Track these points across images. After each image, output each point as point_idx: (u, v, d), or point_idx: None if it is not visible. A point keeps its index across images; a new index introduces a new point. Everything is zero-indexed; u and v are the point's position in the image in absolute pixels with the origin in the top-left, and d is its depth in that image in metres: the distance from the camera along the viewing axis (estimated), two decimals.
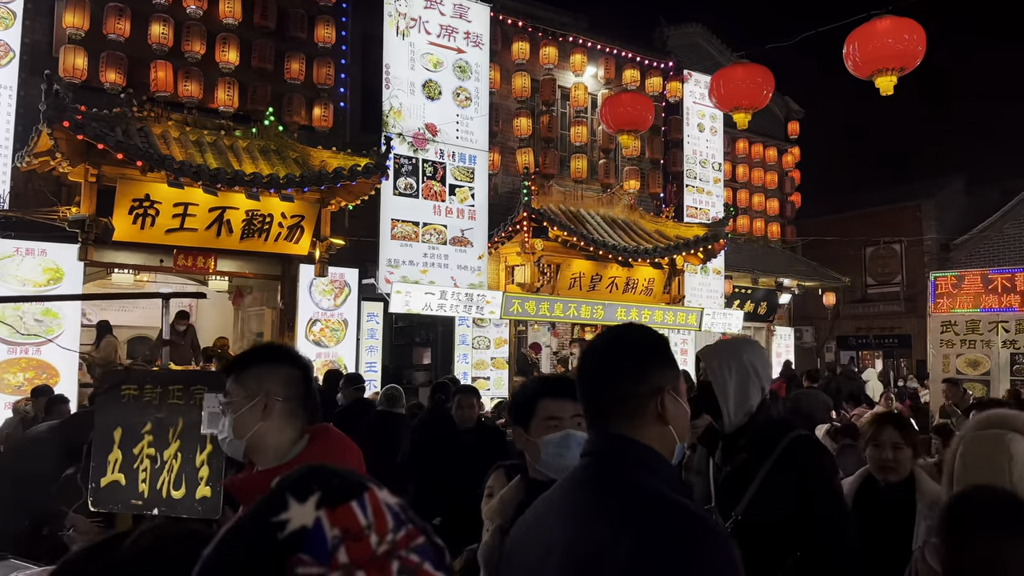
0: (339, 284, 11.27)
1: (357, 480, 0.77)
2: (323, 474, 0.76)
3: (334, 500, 0.73)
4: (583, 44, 13.97)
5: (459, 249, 12.08)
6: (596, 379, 1.44)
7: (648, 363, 1.42)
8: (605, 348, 1.47)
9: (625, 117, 7.20)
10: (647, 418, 1.38)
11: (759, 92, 6.23)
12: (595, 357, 1.47)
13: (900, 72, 5.31)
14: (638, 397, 1.39)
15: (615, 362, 1.43)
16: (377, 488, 0.77)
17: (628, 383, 1.39)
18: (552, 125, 13.58)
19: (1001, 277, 11.00)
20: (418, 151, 11.79)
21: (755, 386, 2.16)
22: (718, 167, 16.18)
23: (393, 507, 0.75)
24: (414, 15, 11.84)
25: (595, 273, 12.99)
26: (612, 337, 1.48)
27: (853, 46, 5.33)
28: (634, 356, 1.43)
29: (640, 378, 1.40)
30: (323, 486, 0.74)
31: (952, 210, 23.96)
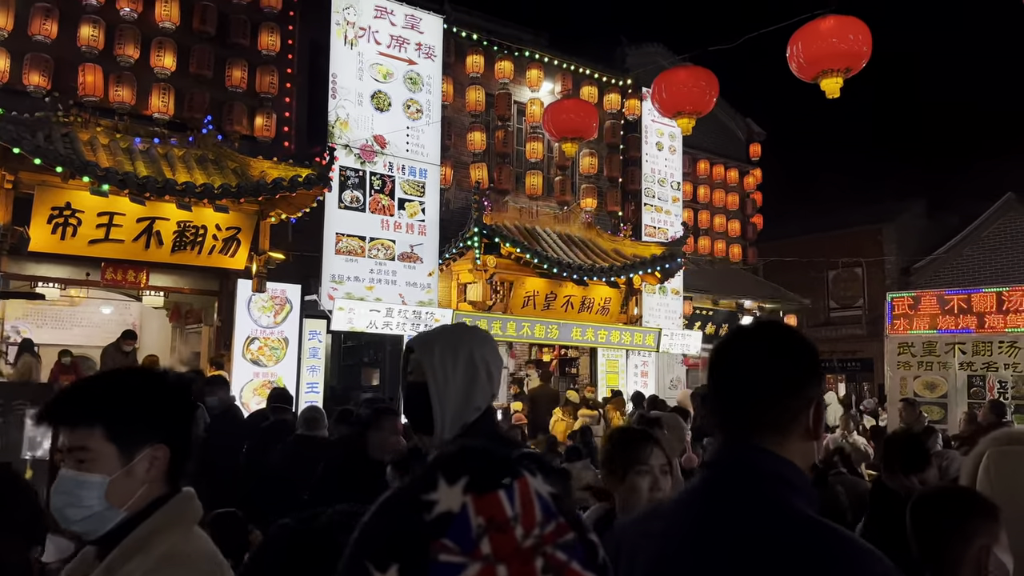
0: (280, 300, 10.78)
1: (510, 464, 0.75)
2: (476, 455, 0.76)
3: (482, 486, 0.72)
4: (540, 59, 13.73)
5: (408, 265, 11.66)
6: (745, 384, 1.30)
7: (807, 371, 1.29)
8: (758, 350, 1.31)
9: (568, 124, 6.89)
10: (796, 432, 1.26)
11: (703, 96, 5.95)
12: (745, 359, 1.32)
13: (846, 74, 5.06)
14: (792, 408, 1.26)
15: (771, 367, 1.28)
16: (531, 475, 0.74)
17: (783, 392, 1.27)
18: (507, 140, 13.28)
19: (957, 298, 10.85)
20: (366, 163, 11.40)
21: (483, 391, 1.58)
22: (677, 186, 15.99)
23: (545, 498, 0.74)
24: (363, 24, 11.50)
25: (550, 292, 12.64)
26: (766, 337, 1.33)
27: (797, 47, 5.07)
28: (793, 362, 1.29)
29: (797, 387, 1.27)
30: (473, 469, 0.73)
31: (913, 234, 24.10)
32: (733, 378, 1.32)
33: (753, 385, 1.29)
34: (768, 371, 1.29)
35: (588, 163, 14.34)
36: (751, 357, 1.32)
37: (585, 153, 14.46)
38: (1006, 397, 10.07)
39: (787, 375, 1.28)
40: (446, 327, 1.78)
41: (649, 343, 14.07)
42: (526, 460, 0.77)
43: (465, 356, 1.55)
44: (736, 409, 1.31)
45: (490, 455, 0.77)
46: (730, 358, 1.34)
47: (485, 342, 1.64)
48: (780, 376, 1.28)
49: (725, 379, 1.33)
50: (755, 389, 1.29)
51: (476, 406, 1.48)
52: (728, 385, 1.33)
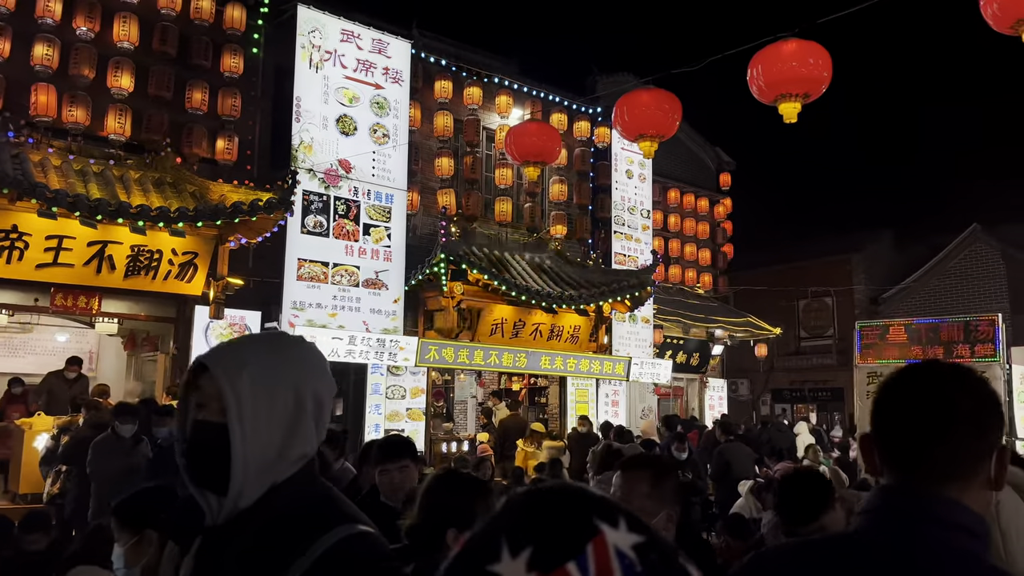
0: (239, 328, 10.47)
1: (584, 527, 0.62)
2: (544, 518, 0.62)
3: (548, 561, 0.60)
4: (509, 86, 13.67)
5: (373, 292, 11.41)
6: (923, 425, 1.18)
7: (992, 414, 1.19)
8: (939, 392, 1.19)
9: (531, 148, 6.75)
10: (979, 479, 1.17)
11: (666, 119, 5.83)
12: (925, 398, 1.19)
13: (805, 99, 4.97)
14: (976, 454, 1.17)
15: (954, 408, 1.17)
16: (611, 526, 0.62)
17: (967, 436, 1.17)
18: (476, 166, 13.15)
19: (925, 327, 10.81)
20: (330, 188, 11.18)
21: (307, 437, 1.17)
22: (647, 214, 15.95)
23: (628, 556, 0.62)
24: (329, 48, 11.35)
25: (518, 319, 12.44)
26: (947, 375, 1.21)
27: (757, 69, 4.98)
28: (979, 403, 1.18)
29: (982, 431, 1.17)
30: (538, 535, 0.62)
31: (881, 264, 24.33)
32: (909, 418, 1.20)
33: (933, 427, 1.18)
34: (951, 412, 1.17)
35: (558, 190, 14.25)
36: (932, 396, 1.19)
37: (555, 180, 14.38)
38: None
39: (972, 417, 1.17)
40: (258, 338, 1.33)
41: (619, 372, 13.89)
42: (604, 507, 0.65)
43: (289, 388, 1.14)
44: (911, 452, 1.19)
45: (560, 508, 0.63)
46: (905, 396, 1.21)
47: (317, 371, 1.21)
48: (964, 418, 1.17)
49: (898, 419, 1.21)
50: (936, 431, 1.17)
51: (296, 457, 1.14)
52: (902, 426, 1.21)
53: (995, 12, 4.06)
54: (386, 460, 3.22)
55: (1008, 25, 4.07)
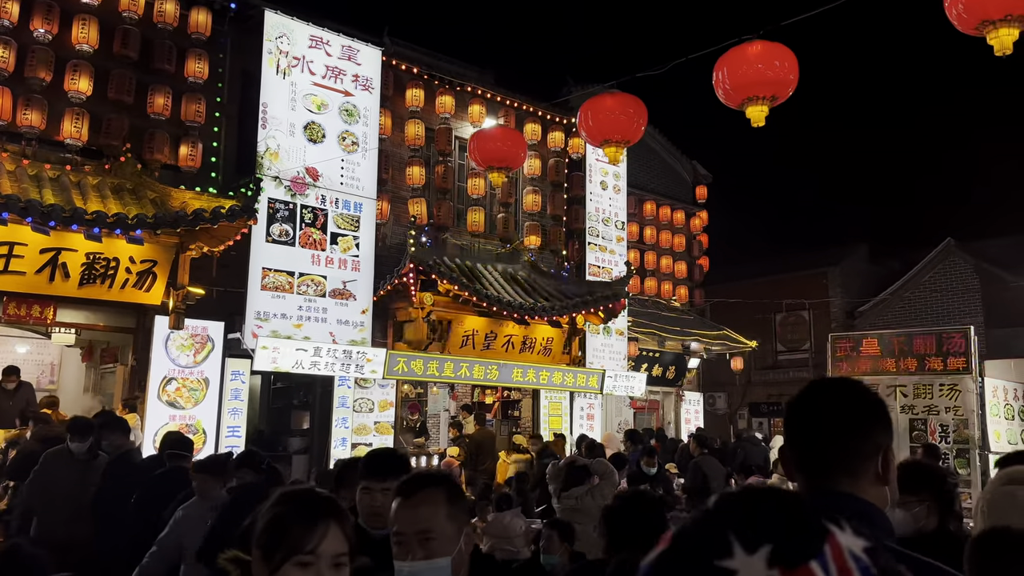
0: (201, 339, 10.19)
1: (817, 525, 0.63)
2: (777, 517, 0.62)
3: (790, 559, 0.60)
4: (482, 95, 13.53)
5: (340, 302, 11.16)
6: (822, 434, 1.41)
7: (875, 419, 1.42)
8: (828, 403, 1.43)
9: (495, 153, 6.58)
10: (868, 476, 1.37)
11: (631, 124, 5.68)
12: (819, 409, 1.44)
13: (772, 101, 4.83)
14: (863, 455, 1.38)
15: (840, 418, 1.40)
16: (839, 530, 0.63)
17: (852, 440, 1.38)
18: (448, 176, 12.97)
19: (897, 339, 10.73)
20: (296, 196, 10.95)
21: None
22: (621, 226, 15.84)
23: (861, 559, 0.63)
24: (297, 54, 11.15)
25: (490, 331, 12.25)
26: (834, 392, 1.46)
27: (722, 72, 4.84)
28: (862, 411, 1.41)
29: (865, 435, 1.39)
30: (776, 537, 0.61)
31: (856, 278, 24.42)
32: (803, 427, 1.44)
33: (823, 432, 1.40)
34: (836, 420, 1.40)
35: (531, 200, 14.10)
36: (825, 407, 1.43)
37: (528, 191, 14.23)
38: (948, 441, 9.92)
39: (855, 423, 1.39)
40: None
41: (592, 384, 13.72)
42: (827, 511, 0.66)
43: None
44: (806, 456, 1.41)
45: (792, 512, 0.62)
46: (803, 408, 1.45)
47: None
48: (848, 425, 1.39)
49: (798, 428, 1.45)
50: (824, 436, 1.40)
51: None
52: (798, 434, 1.44)
53: (960, 13, 3.97)
54: (371, 477, 2.76)
55: (972, 26, 3.97)
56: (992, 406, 9.96)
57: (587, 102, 5.79)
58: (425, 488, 1.82)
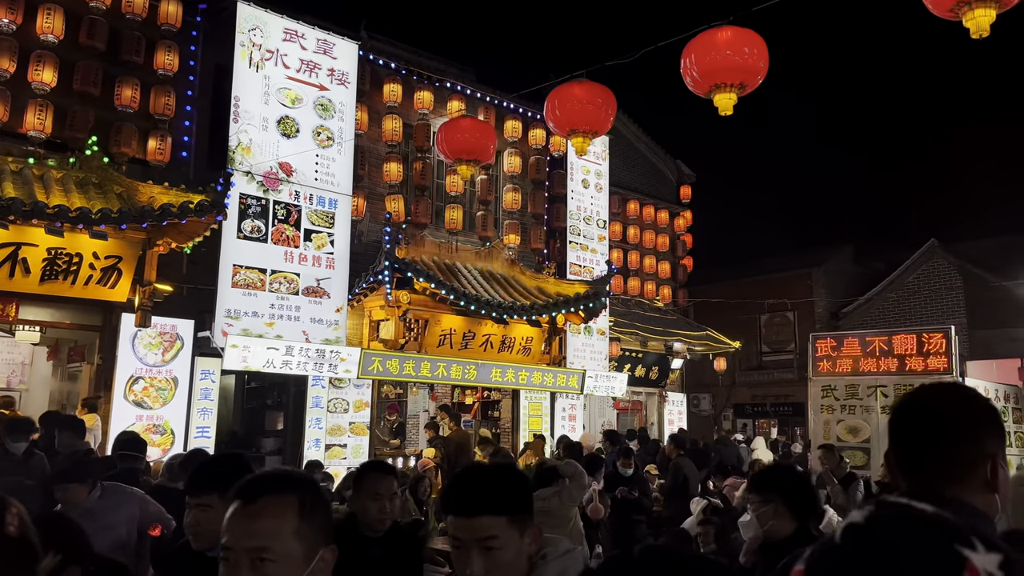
0: (170, 337, 9.96)
1: (954, 560, 0.66)
2: (917, 558, 0.66)
3: None
4: (462, 91, 13.35)
5: (314, 300, 10.94)
6: (929, 438, 1.38)
7: (984, 427, 1.39)
8: (937, 406, 1.41)
9: (463, 145, 6.39)
10: (976, 482, 1.35)
11: (600, 114, 5.51)
12: (929, 415, 1.41)
13: (740, 89, 4.67)
14: (972, 461, 1.35)
15: (952, 423, 1.38)
16: (973, 552, 0.66)
17: (962, 445, 1.36)
18: (426, 172, 12.77)
19: (878, 340, 10.62)
20: (269, 191, 10.72)
21: None
22: (603, 224, 15.68)
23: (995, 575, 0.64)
24: (271, 47, 10.93)
25: (468, 330, 12.05)
26: (946, 396, 1.43)
27: (690, 59, 4.67)
28: (970, 418, 1.39)
29: (975, 441, 1.37)
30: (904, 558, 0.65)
31: (841, 278, 24.38)
32: (910, 429, 1.41)
33: (930, 435, 1.38)
34: (945, 425, 1.37)
35: (511, 199, 13.93)
36: (936, 410, 1.40)
37: (508, 188, 14.06)
38: None
39: (965, 429, 1.36)
40: None
41: (573, 385, 13.55)
42: (956, 534, 0.68)
43: None
44: (916, 460, 1.38)
45: (926, 546, 0.67)
46: (911, 411, 1.43)
47: None
48: (957, 430, 1.36)
49: (904, 430, 1.42)
50: (932, 438, 1.37)
51: None
52: (904, 436, 1.42)
53: None
54: (190, 489, 2.48)
55: (947, 8, 3.82)
56: None
57: (554, 91, 5.62)
58: (269, 494, 1.42)
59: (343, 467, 10.89)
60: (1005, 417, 10.50)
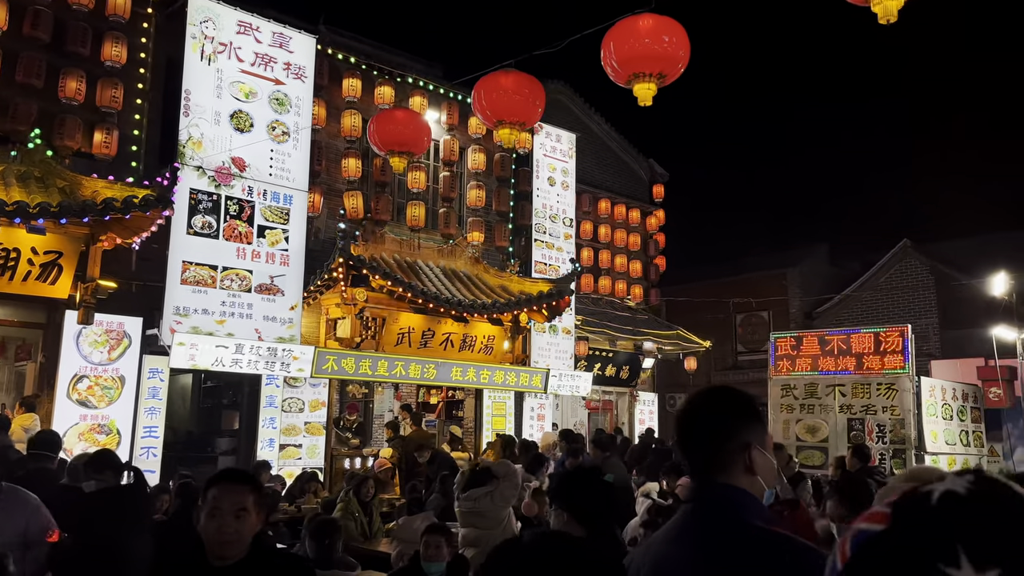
0: (117, 335, 9.74)
1: None
2: (1009, 540, 0.63)
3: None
4: (424, 87, 13.18)
5: (267, 298, 10.76)
6: (692, 436, 1.70)
7: (738, 420, 1.65)
8: (699, 410, 1.71)
9: (395, 136, 6.23)
10: (738, 470, 1.61)
11: (528, 105, 5.36)
12: (692, 416, 1.71)
13: (660, 79, 4.53)
14: (730, 451, 1.61)
15: (709, 421, 1.68)
16: None
17: (722, 440, 1.63)
18: (386, 168, 12.58)
19: (837, 338, 10.55)
20: (221, 187, 10.53)
21: None
22: (569, 222, 15.56)
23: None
24: (224, 40, 10.74)
25: (427, 328, 11.89)
26: (706, 400, 1.73)
27: (609, 48, 4.53)
28: (725, 415, 1.66)
29: (731, 436, 1.63)
30: (1007, 562, 0.61)
31: (816, 279, 24.36)
32: (685, 432, 1.70)
33: (698, 436, 1.68)
34: (704, 426, 1.68)
35: (475, 196, 13.78)
36: (694, 417, 1.70)
37: (472, 185, 13.91)
38: (885, 441, 9.73)
39: (722, 426, 1.65)
40: None
41: (536, 384, 13.41)
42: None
43: None
44: (691, 456, 1.69)
45: (1019, 530, 0.61)
46: (684, 416, 1.71)
47: None
48: (716, 428, 1.65)
49: (682, 433, 1.71)
50: (700, 439, 1.67)
51: None
52: (683, 438, 1.70)
53: None
54: None
55: None
56: (929, 406, 9.79)
57: (480, 81, 5.45)
58: (244, 480, 2.17)
59: (298, 468, 10.73)
60: (963, 416, 10.46)
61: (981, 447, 10.59)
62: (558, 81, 18.01)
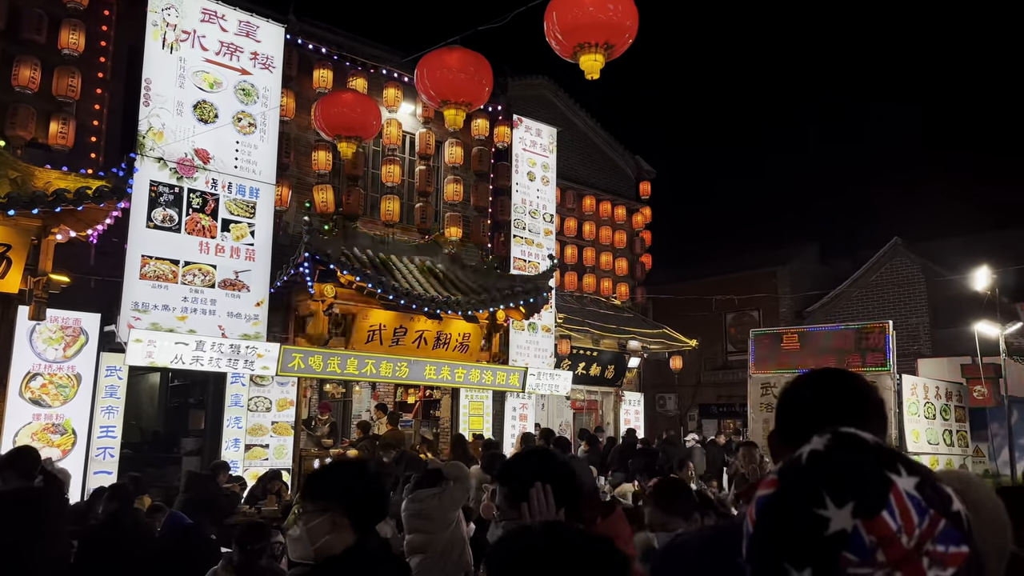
0: (73, 331, 9.42)
1: (883, 482, 0.78)
2: (857, 479, 0.79)
3: (869, 512, 0.77)
4: (399, 78, 12.86)
5: (231, 294, 10.44)
6: None
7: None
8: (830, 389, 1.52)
9: (342, 120, 5.91)
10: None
11: (474, 84, 5.05)
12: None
13: (607, 51, 4.22)
14: None
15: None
16: (897, 475, 0.79)
17: None
18: (358, 161, 12.27)
19: (818, 335, 10.24)
20: (184, 179, 10.21)
21: None
22: (550, 218, 15.25)
23: (915, 497, 0.77)
24: (187, 28, 10.42)
25: (399, 326, 11.58)
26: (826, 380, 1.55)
27: (553, 18, 4.23)
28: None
29: None
30: (857, 495, 0.77)
31: (807, 277, 24.07)
32: None
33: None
34: None
35: (452, 190, 13.47)
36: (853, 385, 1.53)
37: (449, 180, 13.60)
38: None
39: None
40: None
41: (514, 383, 13.09)
42: (887, 460, 0.80)
43: None
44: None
45: (866, 476, 0.78)
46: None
47: None
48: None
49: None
50: None
51: None
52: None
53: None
54: None
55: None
56: (911, 404, 9.48)
57: (424, 59, 5.14)
58: None
59: (264, 468, 10.41)
60: (946, 415, 10.15)
61: (966, 447, 10.28)
62: (542, 76, 17.72)
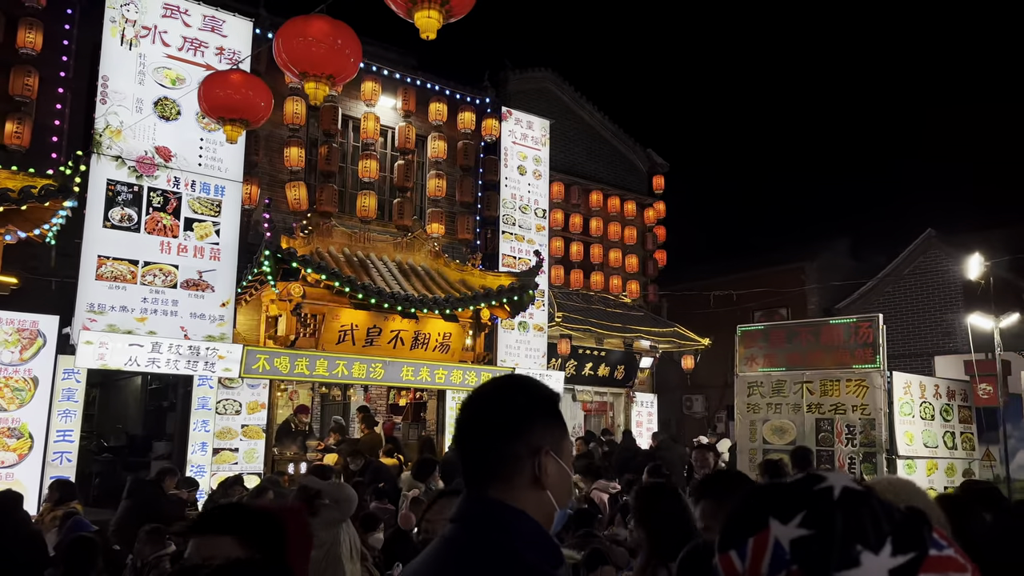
0: (30, 334, 9.27)
1: (754, 523, 0.81)
2: (740, 514, 0.84)
3: (722, 547, 0.83)
4: (378, 71, 12.52)
5: (195, 294, 10.20)
6: (471, 437, 1.34)
7: (526, 418, 1.30)
8: (481, 402, 1.35)
9: (226, 101, 5.53)
10: (522, 481, 1.28)
11: (339, 57, 4.58)
12: (468, 414, 1.35)
13: (446, 10, 3.63)
14: (511, 457, 1.28)
15: (487, 418, 1.32)
16: (781, 522, 0.78)
17: (500, 441, 1.29)
18: (332, 157, 11.95)
19: (806, 329, 9.52)
20: (144, 177, 10.01)
21: None
22: (542, 213, 14.71)
23: (782, 546, 0.75)
24: (147, 23, 10.23)
25: (372, 325, 11.20)
26: (489, 390, 1.37)
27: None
28: (508, 411, 1.31)
29: (514, 436, 1.29)
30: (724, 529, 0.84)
31: (837, 272, 22.99)
32: (460, 431, 1.35)
33: (474, 437, 1.32)
34: (483, 422, 1.31)
35: (435, 186, 13.05)
36: (472, 411, 1.34)
37: (432, 175, 13.19)
38: (854, 443, 8.68)
39: (501, 424, 1.29)
40: None
41: None
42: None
43: None
44: (465, 461, 1.33)
45: (751, 507, 0.81)
46: (462, 411, 1.36)
47: None
48: (494, 425, 1.29)
49: (457, 432, 1.36)
50: (476, 440, 1.32)
51: None
52: (458, 438, 1.35)
53: None
54: None
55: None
56: (904, 404, 8.69)
57: (283, 27, 4.71)
58: None
59: (233, 473, 10.14)
60: (947, 416, 9.30)
61: (971, 450, 9.40)
62: (545, 69, 17.23)
